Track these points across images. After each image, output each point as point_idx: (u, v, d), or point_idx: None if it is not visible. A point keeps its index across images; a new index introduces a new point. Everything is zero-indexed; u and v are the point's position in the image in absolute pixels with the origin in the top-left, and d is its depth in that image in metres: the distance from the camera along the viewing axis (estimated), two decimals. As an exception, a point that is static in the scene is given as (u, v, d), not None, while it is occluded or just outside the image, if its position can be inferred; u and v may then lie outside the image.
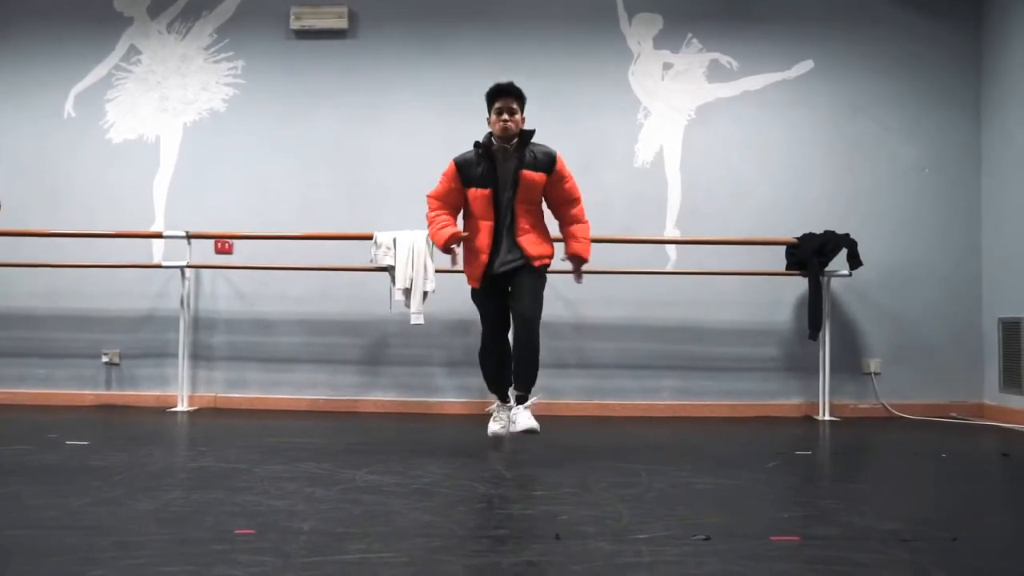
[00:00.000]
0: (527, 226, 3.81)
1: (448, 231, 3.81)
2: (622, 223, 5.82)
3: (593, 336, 5.81)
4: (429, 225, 3.93)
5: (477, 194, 3.81)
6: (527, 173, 3.77)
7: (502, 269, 3.81)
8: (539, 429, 3.76)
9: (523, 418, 3.76)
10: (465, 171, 3.83)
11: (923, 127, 5.90)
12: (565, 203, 3.93)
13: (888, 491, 3.08)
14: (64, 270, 5.87)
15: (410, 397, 5.78)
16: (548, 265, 3.89)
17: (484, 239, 3.80)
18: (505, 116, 3.74)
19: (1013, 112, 5.50)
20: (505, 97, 3.76)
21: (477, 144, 3.84)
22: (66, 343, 5.95)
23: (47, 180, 6.04)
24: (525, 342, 3.79)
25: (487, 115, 3.84)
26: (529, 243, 3.80)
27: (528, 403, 3.83)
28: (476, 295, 3.92)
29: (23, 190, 6.00)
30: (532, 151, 3.81)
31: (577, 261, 3.96)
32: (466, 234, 3.84)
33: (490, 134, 3.83)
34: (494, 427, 3.96)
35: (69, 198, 6.01)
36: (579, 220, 3.95)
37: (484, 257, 3.80)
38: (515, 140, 3.79)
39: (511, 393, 3.88)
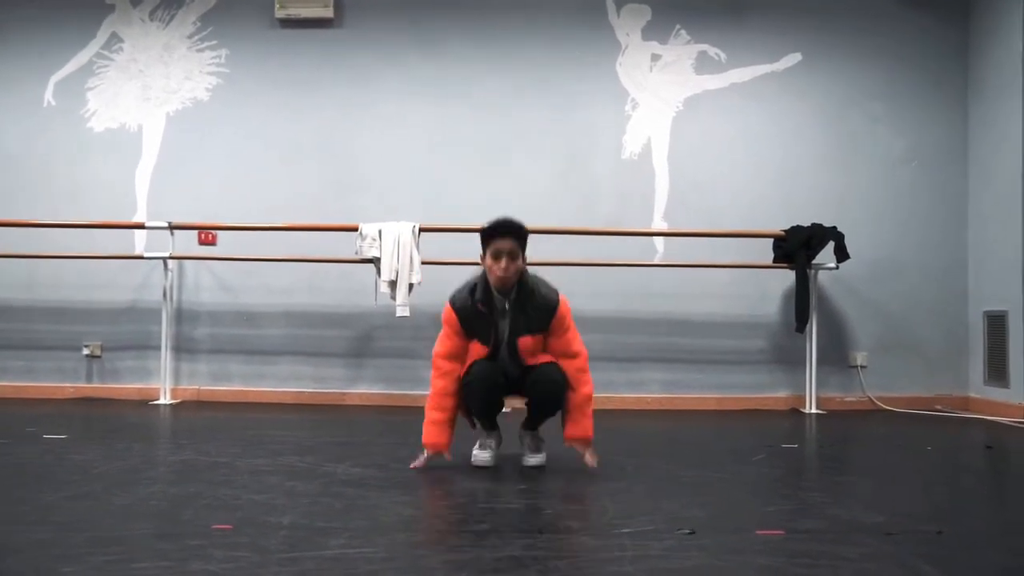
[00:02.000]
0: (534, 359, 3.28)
1: (432, 441, 3.21)
2: (609, 215, 5.80)
3: (580, 329, 5.76)
4: (427, 406, 3.28)
5: (477, 348, 3.24)
6: (522, 341, 3.21)
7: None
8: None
9: (538, 455, 3.37)
10: (466, 323, 3.22)
11: (910, 120, 5.90)
12: (562, 356, 3.27)
13: (873, 484, 3.07)
14: (44, 261, 5.79)
15: (396, 390, 5.75)
16: None
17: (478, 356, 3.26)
18: (504, 262, 3.11)
19: (999, 105, 5.50)
20: (503, 238, 3.14)
21: (473, 292, 3.22)
22: (46, 335, 5.88)
23: (26, 169, 5.95)
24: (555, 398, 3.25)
25: (481, 252, 3.20)
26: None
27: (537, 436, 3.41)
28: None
29: (1, 179, 5.91)
30: (529, 307, 3.21)
31: (580, 445, 3.25)
32: (449, 458, 3.25)
33: (485, 279, 3.22)
34: (485, 456, 3.37)
35: (49, 188, 5.93)
36: (579, 383, 3.25)
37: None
38: (512, 294, 3.21)
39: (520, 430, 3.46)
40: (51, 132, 5.97)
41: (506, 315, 3.23)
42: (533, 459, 3.40)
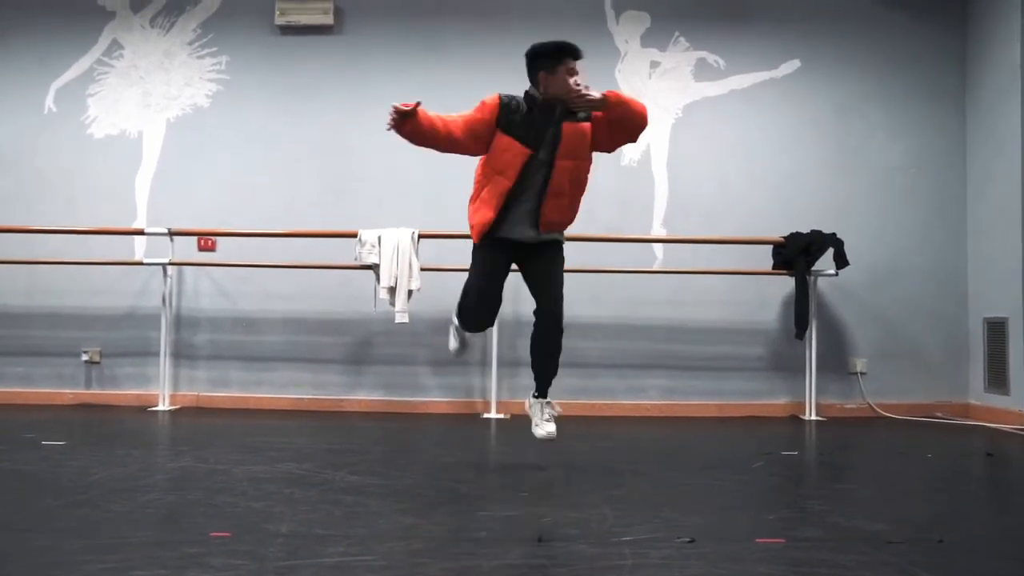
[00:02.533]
0: (560, 190, 3.34)
1: (410, 104, 3.37)
2: (608, 222, 5.79)
3: (579, 335, 5.78)
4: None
5: (511, 147, 3.31)
6: (571, 125, 3.30)
7: (516, 236, 3.39)
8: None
9: (547, 424, 3.42)
10: (506, 112, 3.33)
11: (909, 126, 5.90)
12: (625, 111, 3.30)
13: (874, 492, 3.06)
14: (44, 267, 5.78)
15: (395, 396, 5.73)
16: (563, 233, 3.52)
17: (493, 197, 3.37)
18: (577, 77, 3.28)
19: (997, 112, 5.50)
20: (576, 58, 3.31)
21: (528, 95, 3.38)
22: (45, 341, 5.87)
23: (26, 175, 5.95)
24: (555, 342, 3.52)
25: (540, 72, 3.35)
26: (555, 208, 3.36)
27: (550, 405, 3.48)
28: (476, 251, 3.48)
29: (2, 185, 5.91)
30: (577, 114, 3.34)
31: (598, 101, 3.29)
32: (413, 107, 3.37)
33: (540, 93, 3.34)
34: (550, 427, 3.44)
35: (49, 194, 5.93)
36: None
37: (491, 214, 3.37)
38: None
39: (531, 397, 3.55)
40: (51, 138, 5.97)
41: (555, 121, 3.30)
42: (544, 428, 3.39)
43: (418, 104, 3.37)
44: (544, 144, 3.30)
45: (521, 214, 3.37)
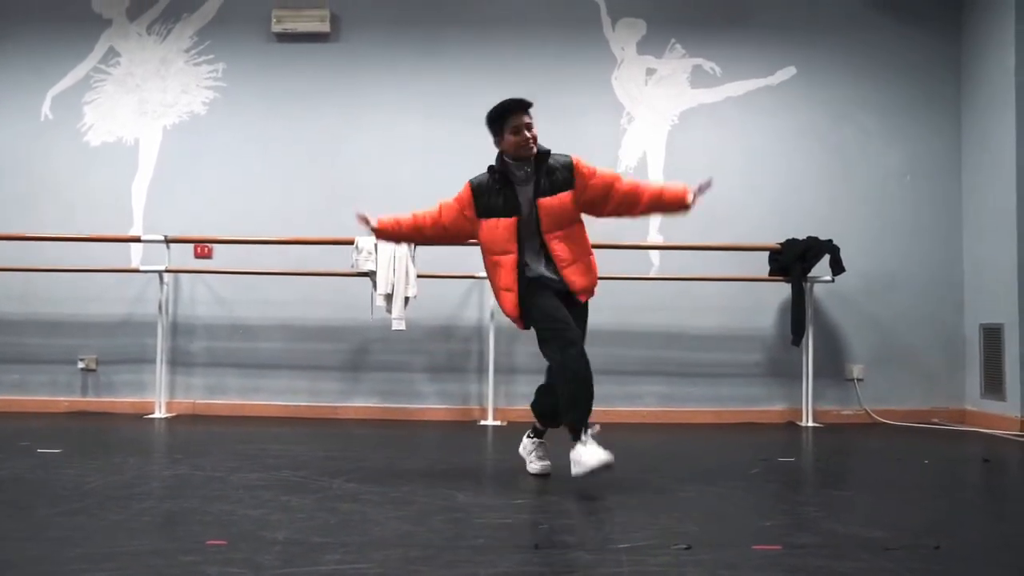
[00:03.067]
0: (568, 256, 3.29)
1: (389, 215, 3.42)
2: (605, 229, 5.74)
3: (576, 342, 5.78)
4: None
5: (497, 224, 3.28)
6: (544, 202, 3.25)
7: (553, 283, 3.30)
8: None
9: (593, 451, 3.09)
10: (481, 198, 3.32)
11: (904, 133, 5.92)
12: (609, 192, 3.32)
13: (871, 498, 3.06)
14: (39, 274, 5.78)
15: (391, 404, 5.73)
16: (590, 296, 3.42)
17: (508, 278, 3.30)
18: (526, 133, 3.23)
19: (992, 118, 5.52)
20: (525, 111, 3.26)
21: (492, 169, 3.35)
22: (41, 348, 5.86)
23: (23, 183, 5.95)
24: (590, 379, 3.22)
25: (495, 138, 3.33)
26: (575, 274, 3.30)
27: (592, 431, 3.21)
28: (533, 311, 3.30)
29: (-2, 193, 5.92)
30: (547, 170, 3.29)
31: (693, 194, 3.38)
32: (376, 227, 3.49)
33: (501, 157, 3.33)
34: (544, 464, 3.43)
35: (46, 201, 5.93)
36: (637, 187, 3.35)
37: (513, 296, 3.31)
38: (532, 162, 3.29)
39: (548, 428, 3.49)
40: (48, 146, 5.97)
41: (529, 181, 3.30)
42: (592, 455, 3.08)
43: (374, 228, 3.56)
44: (527, 212, 3.29)
45: (547, 266, 3.32)
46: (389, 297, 5.26)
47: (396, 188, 5.86)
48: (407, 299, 5.25)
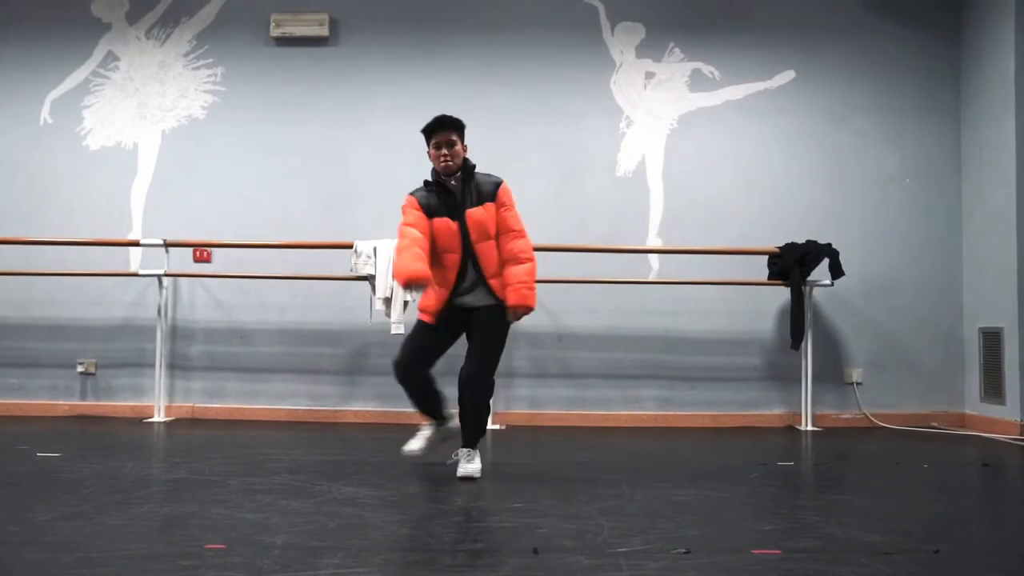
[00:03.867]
0: (495, 270, 3.50)
1: (414, 268, 3.31)
2: (604, 233, 5.81)
3: (575, 346, 5.78)
4: (397, 255, 3.44)
5: (442, 224, 3.48)
6: (471, 212, 3.47)
7: (463, 304, 3.52)
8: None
9: (471, 464, 3.49)
10: (424, 202, 3.52)
11: (904, 137, 5.93)
12: (504, 233, 3.52)
13: (870, 502, 3.06)
14: (39, 278, 5.78)
15: (390, 407, 5.72)
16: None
17: (450, 274, 3.49)
18: (445, 151, 3.47)
19: (992, 122, 5.53)
20: (442, 130, 3.48)
21: (427, 181, 3.60)
22: (40, 352, 5.85)
23: (22, 187, 5.95)
24: (476, 402, 3.50)
25: (427, 149, 3.56)
26: (499, 286, 3.49)
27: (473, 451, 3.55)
28: (418, 325, 3.57)
29: (-3, 197, 5.92)
30: (475, 185, 3.53)
31: (517, 313, 3.48)
32: (429, 279, 3.41)
33: (434, 171, 3.57)
34: (416, 444, 3.63)
35: (45, 205, 5.93)
36: (518, 259, 3.50)
37: (446, 293, 3.50)
38: (458, 174, 3.52)
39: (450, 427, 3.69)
40: (47, 150, 5.97)
41: (456, 193, 3.53)
42: (466, 468, 3.49)
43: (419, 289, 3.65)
44: (455, 225, 3.50)
45: (468, 286, 3.53)
46: (388, 301, 5.26)
47: (394, 192, 5.84)
48: (406, 303, 5.26)
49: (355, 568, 2.07)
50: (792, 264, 5.47)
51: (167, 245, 5.59)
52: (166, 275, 5.61)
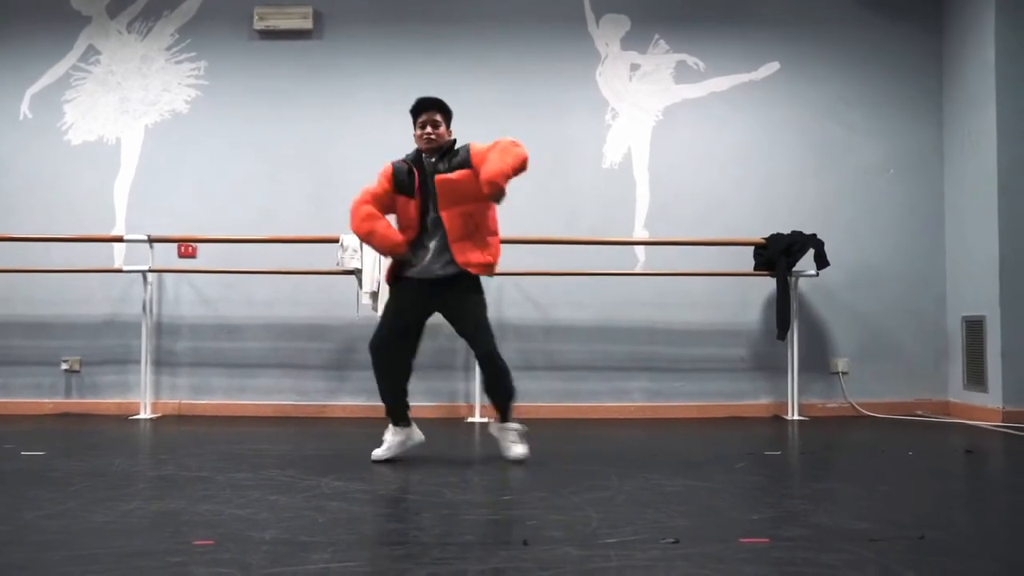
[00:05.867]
0: (460, 232, 3.59)
1: (391, 239, 3.65)
2: (590, 225, 5.81)
3: (563, 338, 5.79)
4: (352, 213, 3.74)
5: (403, 202, 3.68)
6: (442, 177, 3.58)
7: (427, 275, 3.62)
8: (526, 456, 3.71)
9: (514, 446, 3.74)
10: (398, 175, 3.70)
11: (887, 127, 5.96)
12: (488, 155, 3.54)
13: (856, 490, 3.09)
14: (21, 275, 5.73)
15: (378, 402, 5.68)
16: (484, 272, 3.65)
17: (409, 246, 3.69)
18: (428, 128, 3.65)
19: (974, 112, 5.57)
20: (428, 110, 3.66)
21: (408, 156, 3.76)
22: (24, 350, 5.81)
23: (2, 183, 5.89)
24: (493, 374, 3.70)
25: (413, 130, 3.72)
26: (462, 250, 3.60)
27: (513, 428, 3.78)
28: (390, 297, 3.73)
29: (-22, 193, 5.85)
30: (450, 157, 3.65)
31: (489, 187, 3.41)
32: (406, 250, 3.66)
33: (418, 149, 3.73)
34: (379, 451, 3.73)
35: (26, 201, 5.88)
36: (508, 145, 3.53)
37: (393, 267, 3.74)
38: (440, 153, 3.66)
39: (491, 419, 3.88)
40: (27, 145, 5.91)
41: (432, 171, 3.65)
42: (514, 450, 3.72)
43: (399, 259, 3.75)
44: (430, 196, 3.64)
45: (431, 258, 3.65)
46: (375, 295, 5.25)
47: (381, 186, 5.84)
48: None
49: (344, 562, 2.07)
50: (778, 255, 5.50)
51: (151, 241, 5.55)
52: (151, 271, 5.57)
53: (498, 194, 3.41)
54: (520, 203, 5.83)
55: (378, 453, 3.72)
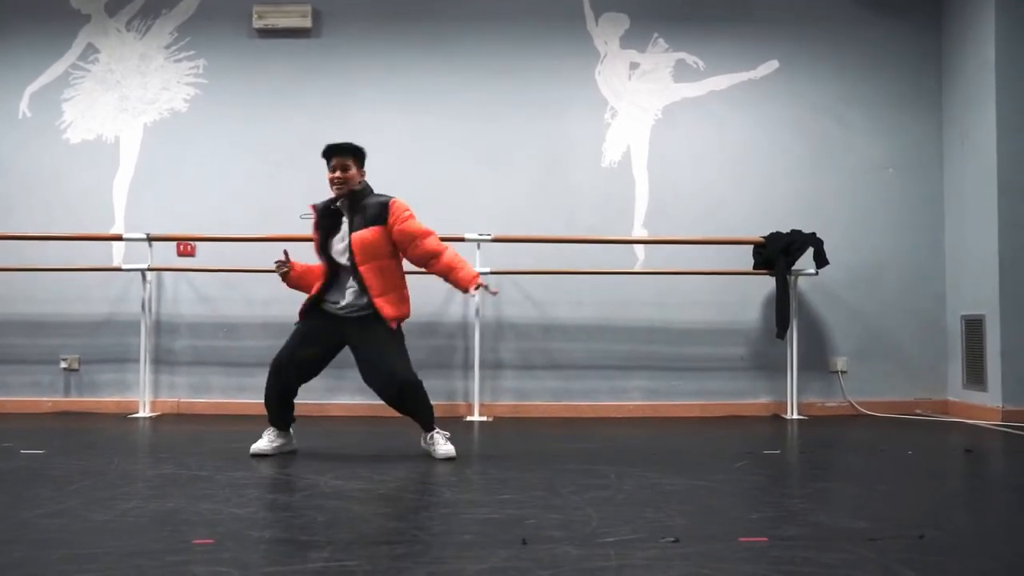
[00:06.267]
0: (378, 287, 3.72)
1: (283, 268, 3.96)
2: (590, 223, 5.81)
3: (562, 337, 5.79)
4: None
5: (329, 242, 3.82)
6: (356, 236, 3.71)
7: (346, 313, 3.77)
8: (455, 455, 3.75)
9: (442, 446, 3.78)
10: (322, 219, 3.85)
11: (886, 126, 5.96)
12: (410, 242, 3.75)
13: (855, 489, 3.09)
14: (20, 274, 5.72)
15: (377, 401, 5.67)
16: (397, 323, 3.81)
17: (319, 282, 3.84)
18: (338, 173, 3.72)
19: (973, 111, 5.57)
20: (337, 155, 3.74)
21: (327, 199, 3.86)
22: (23, 349, 5.80)
23: (1, 182, 5.88)
24: (415, 399, 3.77)
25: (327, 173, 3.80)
26: (386, 304, 3.73)
27: (438, 432, 3.85)
28: (299, 325, 3.88)
29: (-23, 192, 5.85)
30: (362, 208, 3.75)
31: (479, 288, 3.80)
32: (286, 270, 3.95)
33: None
34: (260, 444, 3.85)
35: (25, 200, 5.87)
36: (437, 252, 3.77)
37: (314, 292, 3.84)
38: (345, 199, 3.77)
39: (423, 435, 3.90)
40: (26, 144, 5.91)
41: (344, 215, 3.78)
42: (441, 449, 3.76)
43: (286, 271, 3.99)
44: (343, 246, 3.76)
45: (347, 296, 3.78)
46: (374, 294, 5.23)
47: (378, 183, 5.83)
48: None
49: (344, 561, 2.06)
50: (777, 253, 5.49)
51: (150, 239, 5.54)
52: (149, 269, 5.57)
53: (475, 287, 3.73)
54: (519, 202, 5.84)
55: (260, 447, 3.82)
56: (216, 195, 5.86)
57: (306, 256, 5.61)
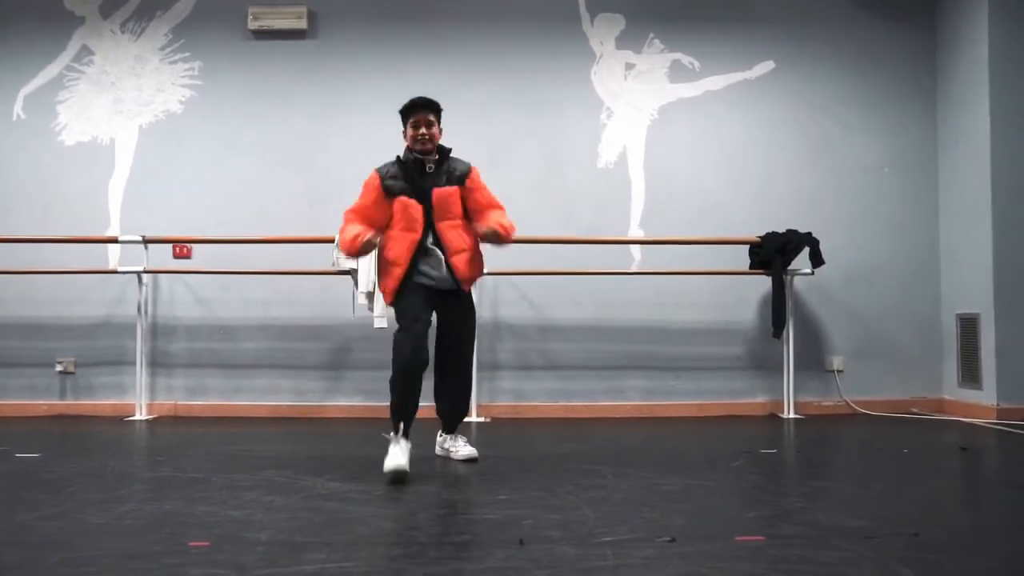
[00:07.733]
0: (456, 245, 3.59)
1: (353, 231, 3.55)
2: (586, 224, 5.81)
3: (558, 337, 5.79)
4: (340, 240, 3.64)
5: (406, 203, 3.57)
6: (437, 191, 3.59)
7: (431, 283, 3.59)
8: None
9: (464, 448, 3.79)
10: (388, 181, 3.62)
11: (882, 126, 5.97)
12: (482, 211, 3.66)
13: (851, 488, 3.09)
14: (16, 276, 5.71)
15: (374, 402, 5.70)
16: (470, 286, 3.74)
17: (404, 252, 3.56)
18: (423, 130, 3.62)
19: (968, 110, 5.58)
20: (421, 111, 3.63)
21: (399, 158, 3.70)
22: (18, 352, 5.79)
23: (-3, 184, 5.87)
24: (462, 390, 3.77)
25: (403, 130, 3.71)
26: (462, 262, 3.60)
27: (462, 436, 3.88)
28: (399, 301, 3.59)
29: (-28, 195, 5.83)
30: (448, 167, 3.66)
31: (494, 237, 3.59)
32: (376, 238, 3.58)
33: (409, 150, 3.68)
34: (402, 460, 3.25)
35: (20, 202, 5.85)
36: (492, 210, 3.70)
37: (400, 271, 3.56)
38: (434, 156, 3.65)
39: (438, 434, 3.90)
40: (21, 146, 5.89)
41: (428, 176, 3.63)
42: (463, 451, 3.75)
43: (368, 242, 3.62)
44: (426, 202, 3.60)
45: (434, 264, 3.60)
46: (370, 295, 5.23)
47: (376, 185, 5.83)
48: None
49: (341, 563, 2.06)
50: (773, 253, 5.50)
51: (146, 241, 5.53)
52: (145, 272, 5.55)
53: (494, 238, 3.57)
54: (516, 202, 5.80)
55: (403, 463, 3.26)
56: (212, 197, 5.85)
57: (306, 259, 5.64)
